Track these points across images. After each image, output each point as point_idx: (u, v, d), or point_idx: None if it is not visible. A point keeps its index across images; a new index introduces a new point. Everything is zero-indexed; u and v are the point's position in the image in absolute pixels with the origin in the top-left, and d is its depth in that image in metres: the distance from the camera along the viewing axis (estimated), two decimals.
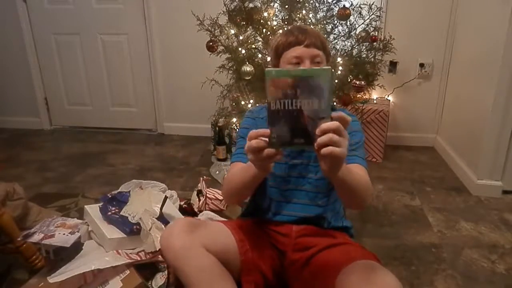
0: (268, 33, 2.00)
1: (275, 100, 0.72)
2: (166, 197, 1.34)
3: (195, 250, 0.99)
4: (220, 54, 2.12)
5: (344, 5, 2.04)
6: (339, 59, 2.05)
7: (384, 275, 0.89)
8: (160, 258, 1.21)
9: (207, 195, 1.76)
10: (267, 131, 0.76)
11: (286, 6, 2.01)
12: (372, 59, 2.22)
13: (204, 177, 1.85)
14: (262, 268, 1.11)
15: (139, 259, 1.19)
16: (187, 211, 1.76)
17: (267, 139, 0.77)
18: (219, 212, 1.70)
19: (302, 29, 1.14)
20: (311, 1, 2.03)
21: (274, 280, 1.14)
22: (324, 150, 0.72)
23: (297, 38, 1.11)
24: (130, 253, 1.21)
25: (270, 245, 1.18)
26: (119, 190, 1.69)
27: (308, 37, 1.10)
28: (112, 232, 1.24)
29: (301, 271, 1.11)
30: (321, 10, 2.07)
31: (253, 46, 2.06)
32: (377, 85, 2.36)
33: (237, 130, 1.45)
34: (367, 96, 2.61)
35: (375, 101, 2.76)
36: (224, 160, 2.57)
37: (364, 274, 0.90)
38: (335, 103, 2.13)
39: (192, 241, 1.00)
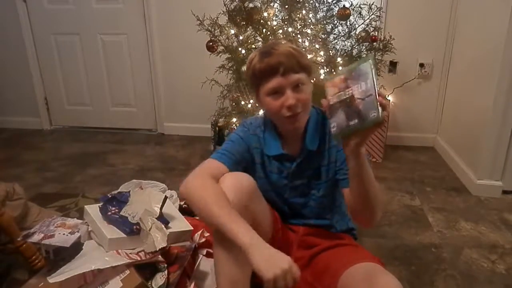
0: (268, 33, 2.00)
1: (332, 96, 0.87)
2: (166, 197, 1.33)
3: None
4: (220, 54, 2.12)
5: (344, 5, 2.04)
6: (339, 59, 2.05)
7: (386, 278, 0.89)
8: (160, 258, 1.21)
9: None
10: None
11: (286, 6, 2.01)
12: None
13: None
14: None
15: (139, 259, 1.19)
16: (187, 211, 1.76)
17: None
18: None
19: (273, 53, 1.02)
20: (311, 1, 2.03)
21: None
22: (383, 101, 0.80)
23: (270, 66, 1.00)
24: (130, 253, 1.21)
25: (287, 235, 1.20)
26: (119, 190, 1.69)
27: (282, 63, 0.99)
28: (112, 232, 1.23)
29: (303, 271, 1.11)
30: (321, 10, 2.08)
31: (253, 46, 2.06)
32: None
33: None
34: None
35: None
36: None
37: (367, 276, 0.90)
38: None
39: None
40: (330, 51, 2.09)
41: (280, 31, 2.00)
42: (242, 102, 2.14)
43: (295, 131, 1.11)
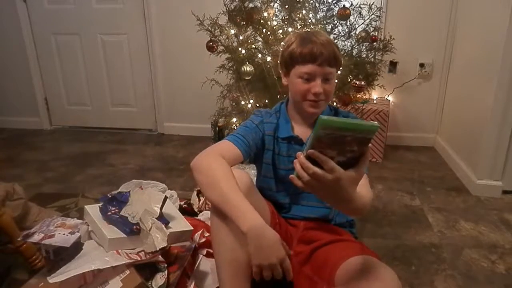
0: (268, 33, 2.00)
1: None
2: (166, 197, 1.33)
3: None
4: (220, 54, 2.12)
5: (344, 5, 2.03)
6: None
7: (383, 270, 0.90)
8: (160, 258, 1.21)
9: None
10: None
11: (286, 6, 2.01)
12: (372, 59, 2.22)
13: None
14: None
15: (139, 259, 1.19)
16: (187, 211, 1.76)
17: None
18: None
19: (315, 41, 1.09)
20: (311, 1, 2.03)
21: None
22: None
23: (311, 54, 1.08)
24: (130, 253, 1.21)
25: (287, 229, 1.21)
26: (119, 190, 1.69)
27: (323, 54, 1.07)
28: (112, 232, 1.23)
29: (303, 265, 1.12)
30: (321, 10, 2.07)
31: (253, 46, 2.06)
32: (377, 85, 2.36)
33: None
34: (367, 96, 2.61)
35: (375, 101, 2.76)
36: None
37: (363, 267, 0.92)
38: (335, 104, 2.14)
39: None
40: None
41: (280, 31, 2.00)
42: (242, 102, 2.14)
43: (312, 115, 1.17)
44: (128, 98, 3.26)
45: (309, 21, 2.02)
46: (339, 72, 1.24)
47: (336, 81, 2.06)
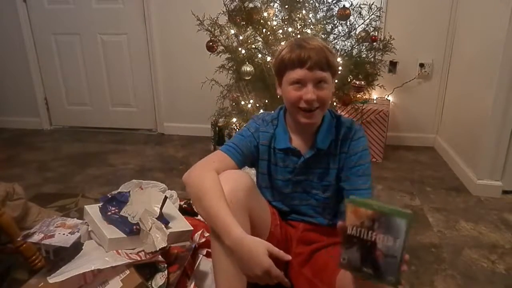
0: (268, 33, 2.00)
1: (351, 225, 0.78)
2: (166, 197, 1.33)
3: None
4: (220, 54, 2.12)
5: (344, 5, 2.04)
6: (339, 59, 2.05)
7: None
8: (160, 258, 1.21)
9: None
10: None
11: (286, 6, 2.01)
12: (372, 59, 2.22)
13: None
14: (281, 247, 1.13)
15: (139, 259, 1.19)
16: (187, 211, 1.76)
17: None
18: None
19: (305, 46, 1.04)
20: (311, 1, 2.03)
21: (281, 267, 1.17)
22: None
23: (299, 58, 1.03)
24: (130, 253, 1.21)
25: (287, 230, 1.21)
26: (119, 190, 1.69)
27: (311, 58, 1.02)
28: (112, 232, 1.23)
29: (302, 267, 1.12)
30: (321, 10, 2.08)
31: (253, 46, 2.07)
32: (377, 85, 2.36)
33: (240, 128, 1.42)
34: (367, 96, 2.61)
35: (375, 101, 2.76)
36: None
37: None
38: (335, 103, 2.14)
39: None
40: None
41: (280, 31, 2.00)
42: (242, 102, 2.14)
43: (307, 126, 1.13)
44: (128, 98, 3.26)
45: (309, 21, 2.03)
46: (338, 72, 1.22)
47: (336, 81, 2.08)
